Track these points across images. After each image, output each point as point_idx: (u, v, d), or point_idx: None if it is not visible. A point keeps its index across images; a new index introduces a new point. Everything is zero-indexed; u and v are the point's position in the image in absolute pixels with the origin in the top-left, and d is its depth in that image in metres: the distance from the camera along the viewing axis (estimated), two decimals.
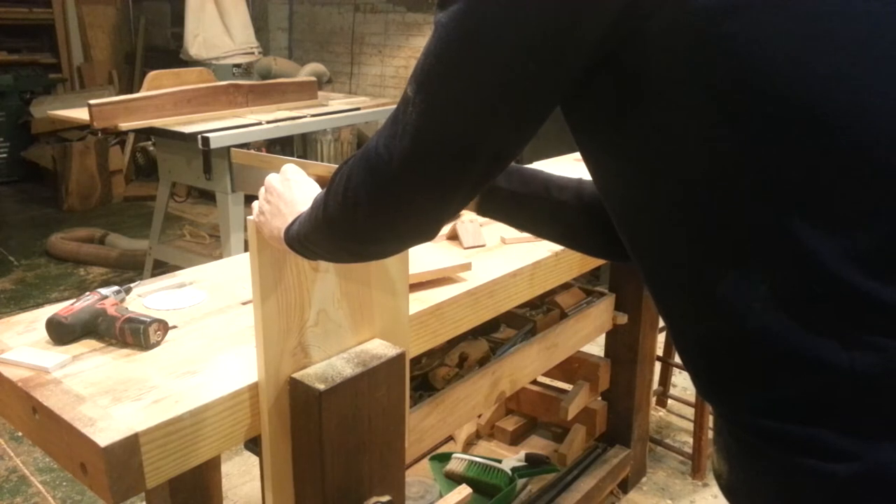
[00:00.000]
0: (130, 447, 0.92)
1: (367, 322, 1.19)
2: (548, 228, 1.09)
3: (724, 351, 0.72)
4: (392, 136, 0.72)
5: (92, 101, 3.15)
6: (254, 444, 1.13)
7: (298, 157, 4.87)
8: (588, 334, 2.01)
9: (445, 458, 2.11)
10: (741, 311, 0.67)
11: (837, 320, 0.64)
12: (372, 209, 0.76)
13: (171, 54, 5.96)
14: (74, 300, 1.22)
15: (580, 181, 1.02)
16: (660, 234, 0.74)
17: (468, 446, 2.33)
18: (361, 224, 0.80)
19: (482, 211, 1.08)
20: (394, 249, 0.90)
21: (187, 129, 3.22)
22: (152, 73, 3.55)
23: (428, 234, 0.81)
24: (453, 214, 0.88)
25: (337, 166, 0.83)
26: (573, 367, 2.15)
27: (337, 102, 4.22)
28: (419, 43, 5.88)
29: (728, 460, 0.76)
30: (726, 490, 0.78)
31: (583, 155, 0.80)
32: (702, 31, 0.62)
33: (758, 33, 0.61)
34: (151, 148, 5.66)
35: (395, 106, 0.77)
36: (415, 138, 0.70)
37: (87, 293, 1.24)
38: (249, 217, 1.01)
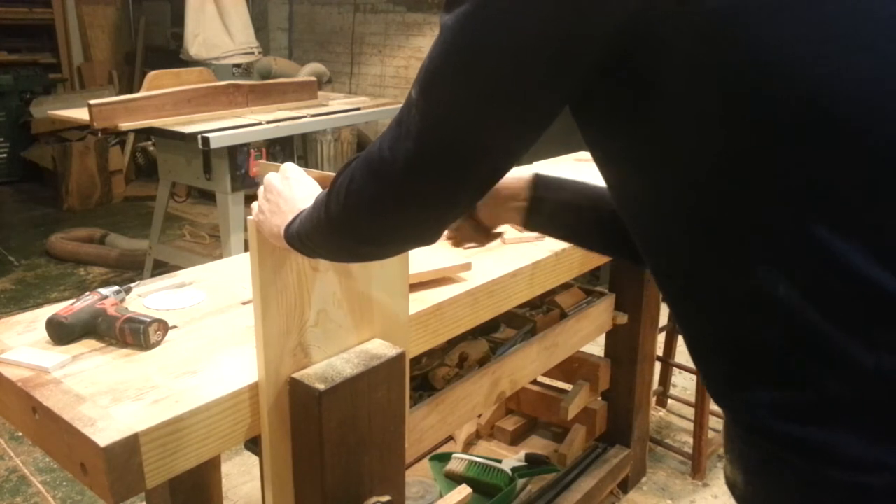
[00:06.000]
0: (130, 447, 0.92)
1: (367, 322, 1.19)
2: (596, 240, 1.08)
3: (742, 352, 0.70)
4: (396, 139, 0.70)
5: (92, 101, 3.15)
6: (254, 444, 1.13)
7: (298, 157, 4.86)
8: (588, 334, 2.01)
9: (445, 458, 2.11)
10: (760, 312, 0.66)
11: (862, 319, 0.62)
12: (374, 211, 0.76)
13: (171, 54, 5.96)
14: (74, 300, 1.22)
15: None
16: (671, 235, 0.72)
17: (468, 446, 2.33)
18: (363, 226, 0.79)
19: (530, 225, 1.07)
20: (394, 252, 0.90)
21: (187, 129, 3.22)
22: (152, 73, 3.55)
23: (429, 238, 0.80)
24: (456, 219, 0.87)
25: (334, 174, 0.82)
26: (573, 367, 2.15)
27: (337, 102, 4.21)
28: (419, 43, 5.88)
29: (743, 470, 0.73)
30: (741, 501, 0.75)
31: (593, 155, 0.78)
32: (714, 33, 0.61)
33: (771, 36, 0.60)
34: (151, 148, 5.66)
35: (395, 106, 0.76)
36: (419, 141, 0.68)
37: (87, 293, 1.24)
38: (249, 217, 1.01)
